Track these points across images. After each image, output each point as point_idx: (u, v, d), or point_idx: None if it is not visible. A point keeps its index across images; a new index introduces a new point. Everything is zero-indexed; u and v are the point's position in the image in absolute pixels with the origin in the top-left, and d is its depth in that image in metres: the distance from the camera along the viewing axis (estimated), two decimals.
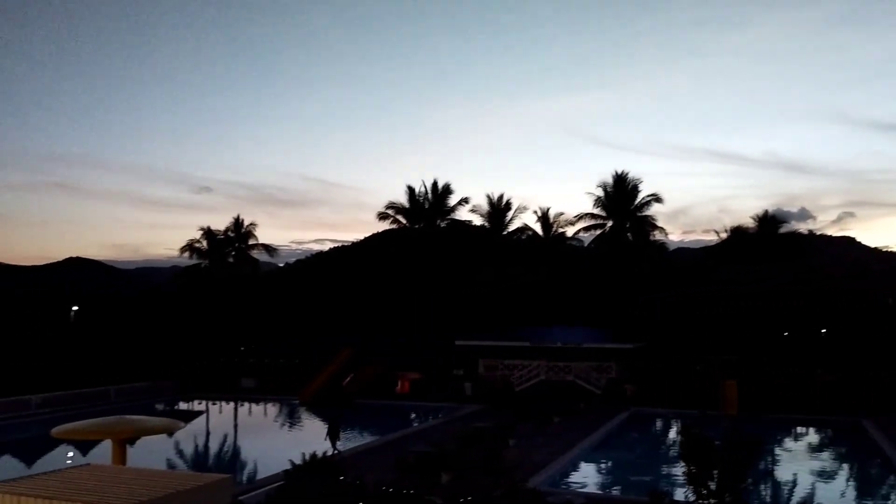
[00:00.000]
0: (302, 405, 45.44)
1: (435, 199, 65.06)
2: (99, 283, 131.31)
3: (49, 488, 11.49)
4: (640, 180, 62.49)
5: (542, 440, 30.25)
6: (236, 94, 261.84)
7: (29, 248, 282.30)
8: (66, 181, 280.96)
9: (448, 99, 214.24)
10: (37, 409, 39.19)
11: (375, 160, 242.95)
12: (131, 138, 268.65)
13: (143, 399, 45.27)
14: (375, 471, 20.90)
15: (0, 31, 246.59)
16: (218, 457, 33.43)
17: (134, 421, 23.24)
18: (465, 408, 41.09)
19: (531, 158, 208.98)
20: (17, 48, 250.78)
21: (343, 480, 17.03)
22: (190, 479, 13.14)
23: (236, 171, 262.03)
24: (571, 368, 45.22)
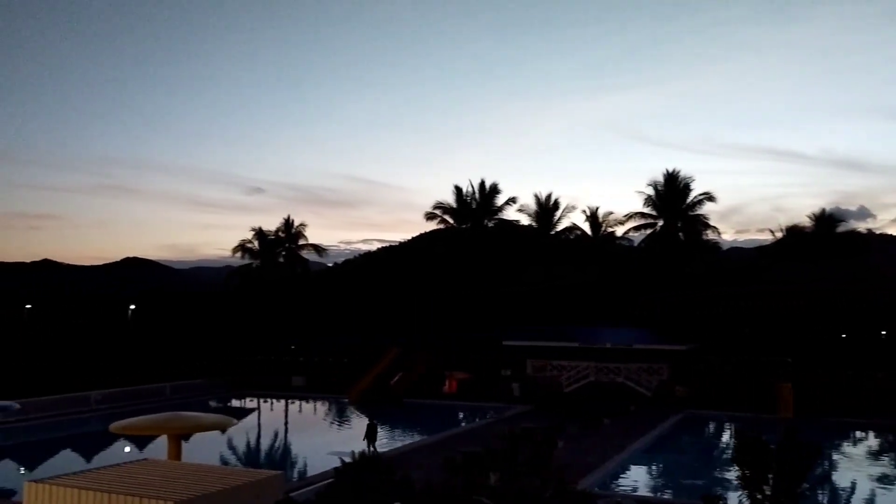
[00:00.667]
0: (351, 404, 45.85)
1: (482, 199, 64.98)
2: (155, 283, 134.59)
3: (107, 482, 11.83)
4: (692, 179, 61.50)
5: (591, 442, 29.96)
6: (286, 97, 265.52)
7: (88, 249, 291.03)
8: (123, 184, 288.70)
9: (496, 98, 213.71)
10: (96, 405, 40.36)
11: (422, 160, 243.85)
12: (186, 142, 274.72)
13: (197, 396, 46.23)
14: (423, 470, 20.94)
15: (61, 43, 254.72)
16: (269, 453, 33.93)
17: (188, 417, 23.78)
18: (513, 408, 40.94)
19: (579, 157, 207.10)
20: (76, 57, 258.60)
21: (392, 479, 17.10)
22: (243, 475, 13.41)
23: (286, 172, 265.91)
24: (621, 370, 44.69)
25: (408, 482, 18.33)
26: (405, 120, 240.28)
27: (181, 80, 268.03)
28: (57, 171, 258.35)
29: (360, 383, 48.28)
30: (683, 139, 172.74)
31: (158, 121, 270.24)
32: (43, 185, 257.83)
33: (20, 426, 34.91)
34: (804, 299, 49.72)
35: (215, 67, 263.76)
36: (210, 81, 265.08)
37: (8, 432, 34.34)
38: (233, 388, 50.42)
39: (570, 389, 44.59)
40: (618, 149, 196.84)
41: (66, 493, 11.41)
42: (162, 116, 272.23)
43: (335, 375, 51.87)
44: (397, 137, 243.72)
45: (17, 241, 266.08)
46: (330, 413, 44.66)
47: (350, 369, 51.95)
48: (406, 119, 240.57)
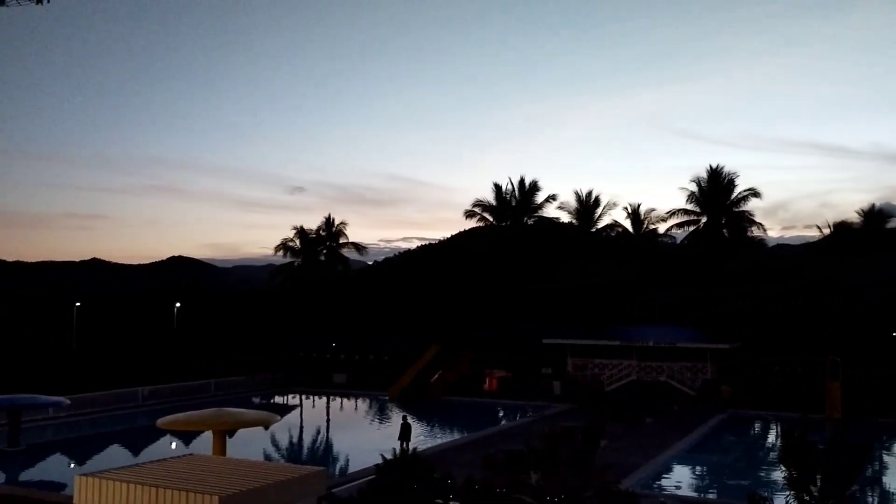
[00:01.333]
0: (391, 401, 46.10)
1: (522, 197, 64.69)
2: (200, 281, 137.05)
3: (155, 477, 12.05)
4: (737, 174, 60.44)
5: (634, 441, 29.66)
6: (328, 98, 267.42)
7: (136, 248, 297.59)
8: (169, 185, 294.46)
9: (535, 95, 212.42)
10: (143, 401, 41.23)
11: (462, 158, 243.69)
12: (230, 143, 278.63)
13: (241, 392, 46.93)
14: (463, 468, 20.93)
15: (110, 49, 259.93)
16: (311, 450, 34.29)
17: (233, 413, 24.14)
18: (554, 406, 40.75)
19: (621, 154, 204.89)
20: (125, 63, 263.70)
21: (433, 476, 17.14)
22: (286, 470, 13.54)
23: (327, 172, 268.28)
24: (664, 368, 44.14)
25: (448, 480, 18.38)
26: (445, 118, 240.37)
27: (226, 84, 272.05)
28: (106, 173, 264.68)
29: (401, 381, 48.51)
30: (728, 134, 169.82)
31: (204, 123, 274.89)
32: (92, 187, 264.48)
33: (70, 421, 35.83)
34: (852, 296, 48.52)
35: (258, 71, 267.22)
36: (253, 85, 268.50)
37: (58, 427, 35.27)
38: (275, 385, 51.07)
39: (612, 388, 44.21)
40: (660, 145, 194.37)
41: (115, 486, 11.66)
42: (207, 119, 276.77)
43: (376, 373, 52.21)
44: (437, 136, 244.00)
45: (68, 240, 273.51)
46: (371, 410, 44.97)
47: (390, 367, 52.25)
48: (446, 117, 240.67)
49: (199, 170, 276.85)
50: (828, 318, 48.58)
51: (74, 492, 12.24)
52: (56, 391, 33.85)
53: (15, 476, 25.74)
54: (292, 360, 56.59)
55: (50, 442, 33.35)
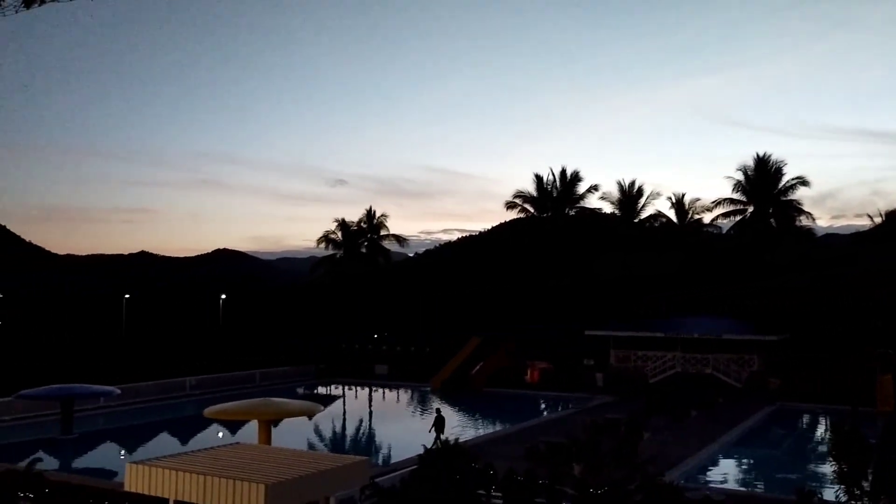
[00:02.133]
0: (433, 392, 46.28)
1: (563, 187, 64.19)
2: (244, 273, 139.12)
3: (203, 465, 12.29)
4: (784, 163, 59.16)
5: (678, 434, 29.31)
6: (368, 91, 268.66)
7: (182, 241, 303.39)
8: (213, 178, 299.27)
9: (577, 85, 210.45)
10: (191, 391, 42.07)
11: (502, 149, 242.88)
12: (272, 137, 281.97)
13: (285, 382, 47.55)
14: (505, 459, 20.94)
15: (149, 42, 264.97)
16: (354, 439, 34.64)
17: (278, 403, 24.50)
18: (597, 398, 40.48)
19: (665, 143, 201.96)
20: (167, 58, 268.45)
21: (475, 467, 17.17)
22: (330, 459, 13.70)
23: (368, 164, 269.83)
24: (709, 360, 43.51)
25: (490, 471, 18.40)
26: (486, 109, 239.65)
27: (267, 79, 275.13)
28: (152, 168, 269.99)
29: (442, 372, 48.66)
30: (775, 122, 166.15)
31: (246, 117, 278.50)
32: (139, 181, 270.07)
33: (120, 410, 36.73)
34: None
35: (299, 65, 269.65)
36: (295, 78, 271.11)
37: (109, 416, 36.20)
38: (319, 376, 51.66)
39: (656, 380, 43.73)
40: (705, 133, 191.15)
41: (165, 474, 11.91)
42: (249, 113, 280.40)
43: (417, 364, 52.44)
44: (477, 127, 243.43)
45: (116, 234, 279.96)
46: (413, 401, 45.20)
47: (432, 358, 52.43)
48: (486, 108, 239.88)
49: (243, 163, 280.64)
50: (879, 310, 47.31)
51: (125, 479, 12.54)
52: (107, 381, 34.70)
53: (68, 463, 26.52)
54: (335, 351, 57.17)
55: (101, 430, 34.24)
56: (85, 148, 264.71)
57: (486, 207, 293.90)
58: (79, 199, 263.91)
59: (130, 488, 12.48)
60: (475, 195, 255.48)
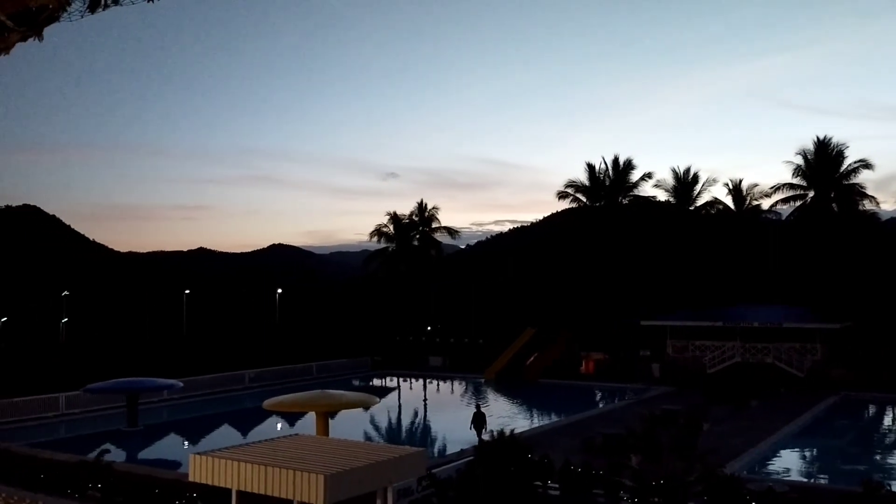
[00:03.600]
0: (487, 383, 46.31)
1: (616, 176, 63.22)
2: (299, 268, 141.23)
3: (263, 455, 12.55)
4: (846, 145, 57.05)
5: (738, 425, 28.75)
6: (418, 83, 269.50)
7: (238, 236, 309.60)
8: (268, 174, 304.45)
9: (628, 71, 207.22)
10: (249, 383, 42.95)
11: (553, 139, 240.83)
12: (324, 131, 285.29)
13: (341, 375, 48.17)
14: (561, 450, 20.85)
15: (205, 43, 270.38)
16: (409, 431, 34.90)
17: (335, 396, 24.85)
18: (653, 389, 39.98)
19: (720, 128, 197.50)
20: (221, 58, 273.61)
21: (531, 459, 17.14)
22: (387, 450, 13.83)
23: (419, 157, 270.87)
24: (770, 350, 42.49)
25: (546, 462, 18.35)
26: (536, 99, 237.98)
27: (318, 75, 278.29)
28: (209, 165, 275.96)
29: (497, 364, 48.64)
30: (835, 103, 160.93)
31: (299, 114, 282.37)
32: (197, 179, 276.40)
33: (183, 403, 37.73)
34: None
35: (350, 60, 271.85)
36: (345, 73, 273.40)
37: (172, 409, 37.22)
38: (374, 368, 52.18)
39: (715, 370, 42.92)
40: (762, 117, 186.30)
41: (227, 465, 12.20)
42: (302, 109, 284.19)
43: (471, 355, 52.51)
44: (527, 117, 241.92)
45: (176, 231, 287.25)
46: (467, 392, 45.33)
47: (486, 350, 52.43)
48: (536, 98, 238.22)
49: (296, 159, 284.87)
50: None
51: (189, 469, 12.88)
52: (169, 374, 35.64)
53: (134, 454, 27.35)
54: (390, 343, 57.63)
55: (165, 422, 35.20)
56: (145, 147, 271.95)
57: (538, 198, 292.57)
58: (140, 197, 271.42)
59: (194, 479, 12.81)
60: (526, 186, 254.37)
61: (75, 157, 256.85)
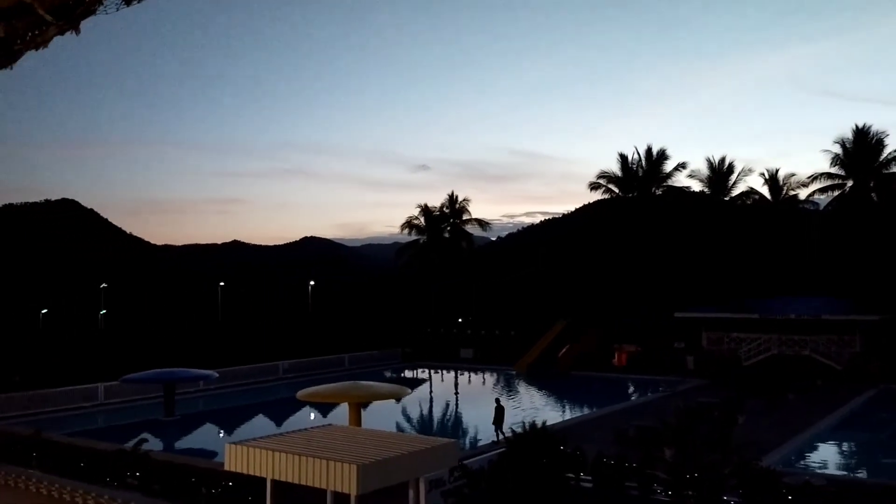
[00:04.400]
0: (518, 375, 46.24)
1: (649, 166, 62.57)
2: (330, 260, 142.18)
3: (297, 445, 12.68)
4: (886, 133, 55.75)
5: (775, 418, 28.36)
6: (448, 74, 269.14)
7: (270, 229, 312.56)
8: (299, 167, 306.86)
9: (661, 60, 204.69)
10: (283, 374, 43.43)
11: (585, 129, 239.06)
12: (355, 124, 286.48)
13: (373, 366, 48.47)
14: (594, 443, 20.75)
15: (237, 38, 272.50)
16: (441, 422, 35.00)
17: (367, 387, 25.01)
18: (688, 382, 39.58)
19: (756, 117, 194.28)
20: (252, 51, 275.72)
21: (563, 451, 17.07)
22: (419, 441, 13.90)
23: (449, 149, 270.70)
24: (808, 342, 41.79)
25: (579, 454, 18.26)
26: (566, 89, 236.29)
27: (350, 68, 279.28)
28: (241, 159, 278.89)
29: (528, 355, 48.53)
30: (874, 90, 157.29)
31: (331, 107, 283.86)
32: (231, 172, 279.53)
33: (218, 393, 38.27)
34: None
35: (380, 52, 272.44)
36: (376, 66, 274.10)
37: (208, 399, 37.76)
38: (405, 360, 52.40)
39: (751, 363, 42.35)
40: (799, 105, 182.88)
41: (262, 454, 12.35)
42: (334, 103, 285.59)
43: (502, 348, 52.46)
44: (558, 108, 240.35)
45: (210, 224, 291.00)
46: (498, 384, 45.31)
47: (517, 342, 52.33)
48: (567, 88, 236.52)
49: (327, 152, 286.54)
50: None
51: (225, 459, 13.06)
52: (205, 365, 36.15)
53: (171, 444, 27.82)
54: (420, 335, 57.80)
55: (201, 412, 35.72)
56: (180, 142, 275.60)
57: (570, 189, 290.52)
58: (175, 191, 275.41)
59: (230, 468, 13.01)
60: (558, 177, 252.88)
61: (112, 152, 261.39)
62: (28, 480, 19.80)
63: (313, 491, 11.89)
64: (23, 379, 35.74)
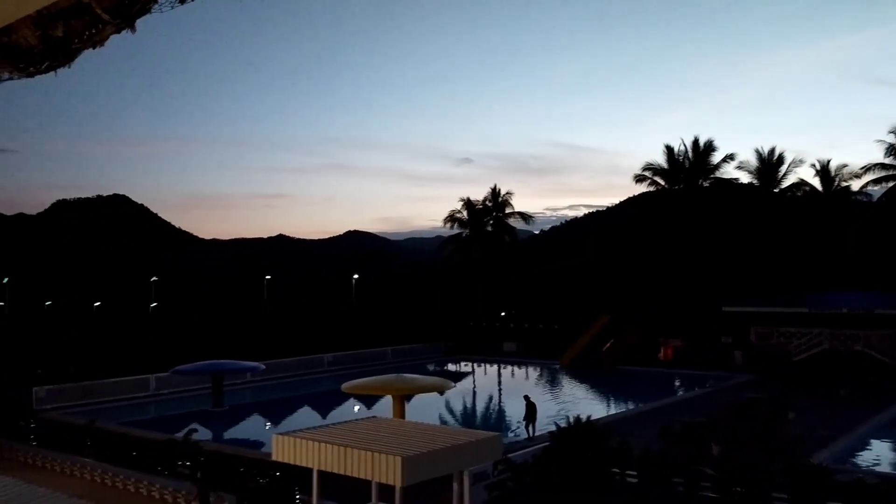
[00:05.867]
0: (562, 369, 46.00)
1: (696, 158, 61.49)
2: (374, 254, 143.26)
3: (342, 437, 12.82)
4: None
5: (826, 414, 27.74)
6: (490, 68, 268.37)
7: (316, 223, 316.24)
8: (344, 162, 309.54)
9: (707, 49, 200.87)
10: (328, 366, 43.92)
11: (628, 122, 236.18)
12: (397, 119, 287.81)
13: (416, 359, 48.66)
14: (639, 438, 20.54)
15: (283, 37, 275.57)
16: (484, 415, 35.01)
17: (411, 379, 25.17)
18: (736, 377, 38.92)
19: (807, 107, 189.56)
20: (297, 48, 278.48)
21: (608, 445, 16.96)
22: (463, 434, 13.93)
23: (492, 142, 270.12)
24: (860, 337, 40.67)
25: (625, 449, 18.12)
26: (610, 81, 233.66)
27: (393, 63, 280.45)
28: (287, 154, 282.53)
29: (572, 349, 48.24)
30: None
31: (374, 102, 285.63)
32: (275, 167, 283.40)
33: (265, 385, 38.87)
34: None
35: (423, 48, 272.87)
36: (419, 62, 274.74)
37: (255, 390, 38.37)
38: (448, 353, 52.52)
39: (801, 358, 41.44)
40: (852, 95, 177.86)
41: (308, 445, 12.52)
42: (377, 98, 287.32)
43: (546, 341, 52.21)
44: (601, 100, 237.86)
45: (257, 218, 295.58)
46: (542, 378, 45.13)
47: (560, 336, 52.02)
48: (609, 80, 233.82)
49: (371, 147, 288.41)
50: None
51: (273, 449, 13.28)
52: (252, 357, 36.72)
53: (220, 434, 28.36)
54: (464, 328, 57.86)
55: (248, 403, 36.33)
56: (227, 138, 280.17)
57: (613, 182, 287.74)
58: (222, 186, 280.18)
59: (277, 458, 13.22)
60: (601, 169, 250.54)
61: (162, 148, 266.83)
62: (83, 468, 20.40)
63: (358, 482, 12.01)
64: (77, 370, 36.75)
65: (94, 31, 3.35)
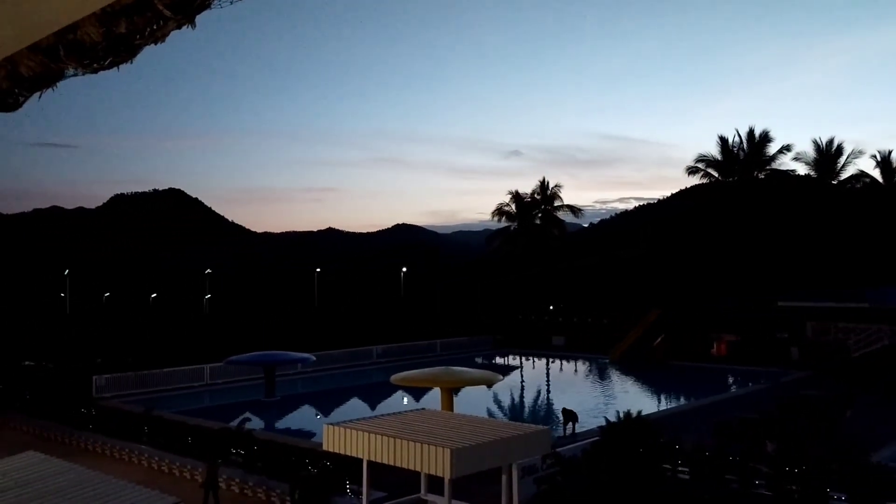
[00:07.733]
0: (612, 364, 45.55)
1: (751, 149, 60.11)
2: (422, 247, 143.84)
3: (392, 428, 12.93)
4: None
5: (886, 412, 26.91)
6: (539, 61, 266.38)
7: (365, 217, 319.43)
8: (392, 156, 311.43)
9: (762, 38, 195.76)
10: (377, 358, 44.31)
11: (681, 112, 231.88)
12: (447, 112, 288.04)
13: (464, 352, 48.74)
14: (691, 434, 20.23)
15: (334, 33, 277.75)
16: (532, 409, 34.91)
17: (459, 372, 25.24)
18: (791, 374, 38.02)
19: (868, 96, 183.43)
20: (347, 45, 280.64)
21: (659, 441, 16.75)
22: (512, 427, 13.92)
23: (541, 134, 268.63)
24: None
25: (677, 445, 17.87)
26: (660, 71, 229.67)
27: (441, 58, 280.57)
28: (336, 148, 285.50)
29: (621, 344, 47.71)
30: None
31: (422, 96, 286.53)
32: (325, 161, 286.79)
33: (316, 376, 39.42)
34: None
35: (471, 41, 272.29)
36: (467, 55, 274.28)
37: (306, 381, 38.95)
38: (496, 346, 52.47)
39: (860, 354, 40.25)
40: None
41: (358, 435, 12.66)
42: (425, 91, 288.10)
43: (595, 335, 51.74)
44: (652, 90, 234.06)
45: (307, 212, 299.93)
46: (591, 372, 44.76)
47: (609, 330, 51.50)
48: (659, 71, 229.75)
49: (419, 141, 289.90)
50: None
51: (323, 439, 13.46)
52: (303, 348, 37.26)
53: (272, 423, 28.86)
54: (512, 321, 57.75)
55: (300, 394, 36.88)
56: (278, 133, 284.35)
57: (665, 174, 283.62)
58: (273, 180, 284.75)
59: (328, 448, 13.40)
60: (652, 161, 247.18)
61: (216, 143, 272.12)
62: (140, 455, 20.99)
63: (407, 473, 12.10)
64: (134, 360, 37.79)
65: (156, 26, 3.44)
